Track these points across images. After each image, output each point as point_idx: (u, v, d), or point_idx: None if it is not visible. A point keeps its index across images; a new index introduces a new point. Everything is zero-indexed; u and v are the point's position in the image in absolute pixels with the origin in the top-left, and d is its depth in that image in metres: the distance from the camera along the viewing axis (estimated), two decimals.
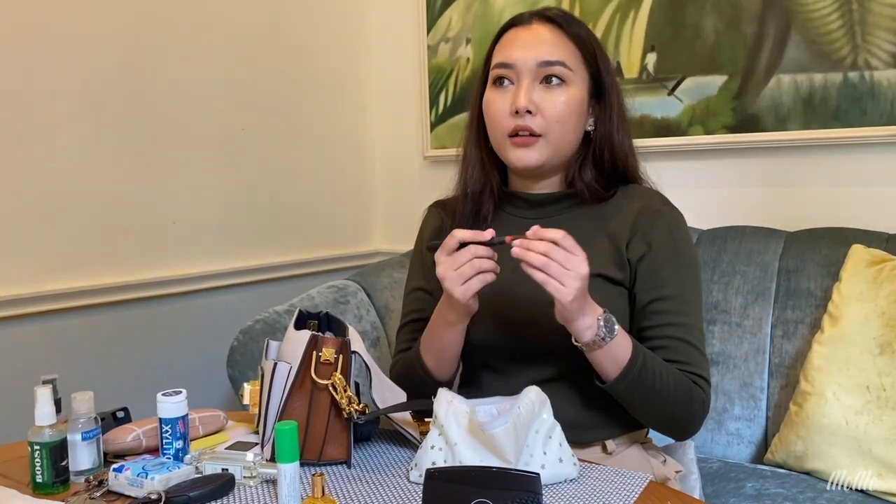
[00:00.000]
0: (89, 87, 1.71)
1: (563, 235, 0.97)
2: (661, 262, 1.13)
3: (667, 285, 1.12)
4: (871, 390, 1.32)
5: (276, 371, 1.01)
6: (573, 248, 0.97)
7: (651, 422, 1.14)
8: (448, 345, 1.14)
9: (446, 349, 1.15)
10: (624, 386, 1.04)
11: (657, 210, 1.16)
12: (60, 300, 1.66)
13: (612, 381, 1.05)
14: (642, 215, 1.16)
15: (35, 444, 0.94)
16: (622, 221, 1.16)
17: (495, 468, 0.85)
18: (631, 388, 1.05)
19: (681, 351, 1.10)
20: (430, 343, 1.16)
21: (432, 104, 2.27)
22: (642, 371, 1.04)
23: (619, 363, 1.03)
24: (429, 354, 1.16)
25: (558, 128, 1.13)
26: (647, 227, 1.15)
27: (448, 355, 1.15)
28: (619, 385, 1.04)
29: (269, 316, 1.66)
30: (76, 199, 1.69)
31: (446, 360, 1.16)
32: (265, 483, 0.95)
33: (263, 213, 2.10)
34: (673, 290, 1.12)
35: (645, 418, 1.13)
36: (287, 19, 2.14)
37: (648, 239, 1.14)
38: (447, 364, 1.16)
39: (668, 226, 1.15)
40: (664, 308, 1.12)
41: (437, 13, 2.24)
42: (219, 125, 1.98)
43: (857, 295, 1.40)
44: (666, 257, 1.14)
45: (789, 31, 1.69)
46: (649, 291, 1.13)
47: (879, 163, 1.64)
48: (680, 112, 1.84)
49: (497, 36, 1.20)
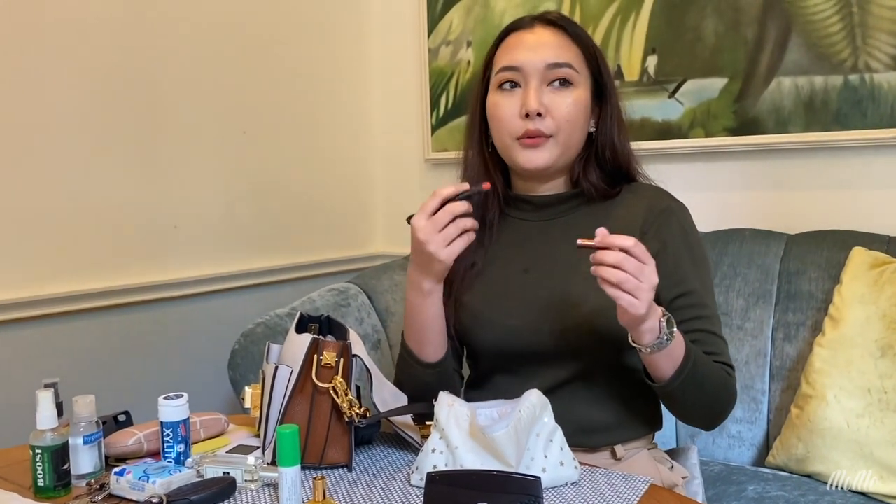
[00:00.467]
0: (92, 93, 1.71)
1: (634, 243, 0.94)
2: (678, 258, 1.14)
3: (687, 280, 1.13)
4: (873, 393, 1.32)
5: (277, 375, 1.01)
6: (644, 258, 0.95)
7: (692, 415, 1.13)
8: (428, 319, 1.13)
9: (427, 325, 1.13)
10: (679, 384, 1.03)
11: (666, 207, 1.17)
12: (61, 304, 1.66)
13: (668, 379, 1.03)
14: (651, 212, 1.17)
15: (37, 448, 0.94)
16: (631, 218, 1.17)
17: (496, 472, 0.85)
18: (684, 386, 1.03)
19: (710, 343, 1.11)
20: (411, 325, 1.15)
21: (433, 107, 2.27)
22: (695, 367, 1.03)
23: (675, 362, 1.02)
24: (413, 339, 1.16)
25: (567, 128, 1.13)
26: (659, 224, 1.16)
27: (432, 332, 1.14)
28: (673, 383, 1.03)
29: (271, 319, 1.66)
30: (77, 203, 1.69)
31: (431, 337, 1.14)
32: (266, 486, 0.95)
33: (264, 217, 2.10)
34: (693, 285, 1.13)
35: (686, 413, 1.12)
36: (288, 23, 2.14)
37: (662, 237, 1.15)
38: (434, 342, 1.15)
39: (679, 222, 1.17)
40: (689, 303, 1.12)
41: (437, 16, 2.24)
42: (220, 129, 1.98)
43: (859, 297, 1.40)
44: (681, 253, 1.14)
45: (790, 34, 1.69)
46: (672, 288, 1.12)
47: (880, 165, 1.64)
48: (681, 115, 1.84)
49: (498, 40, 1.20)
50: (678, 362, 1.02)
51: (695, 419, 1.15)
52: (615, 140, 1.18)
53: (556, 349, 1.13)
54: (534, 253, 1.18)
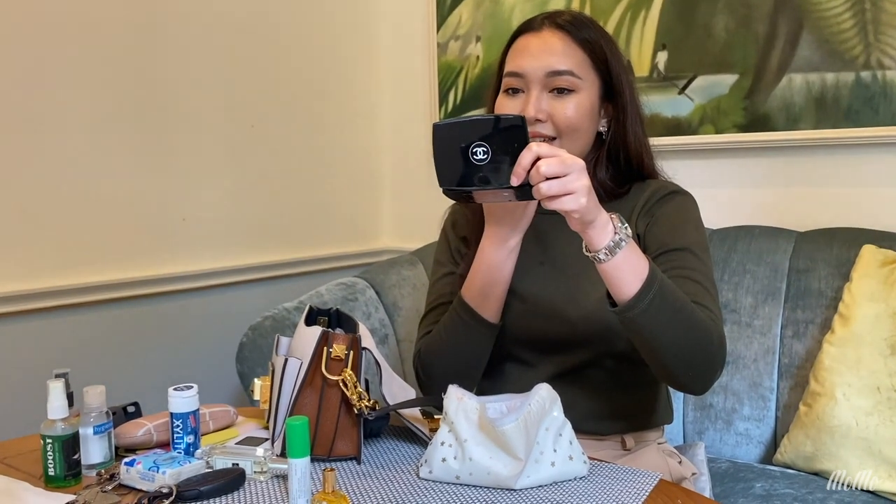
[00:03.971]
0: (101, 87, 1.71)
1: (536, 148, 0.90)
2: (666, 226, 1.14)
3: (674, 242, 1.11)
4: (882, 391, 1.32)
5: (286, 367, 1.01)
6: (553, 151, 0.90)
7: (669, 358, 1.01)
8: (505, 275, 1.12)
9: (502, 282, 1.12)
10: (647, 304, 0.95)
11: (668, 192, 1.18)
12: (71, 296, 1.67)
13: (635, 294, 0.95)
14: (652, 198, 1.18)
15: (47, 438, 0.94)
16: (634, 209, 1.18)
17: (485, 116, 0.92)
18: (653, 309, 0.96)
19: (689, 288, 1.05)
20: (482, 284, 1.12)
21: (442, 102, 2.27)
22: (663, 289, 0.96)
23: (639, 275, 0.95)
24: (478, 298, 1.13)
25: (569, 132, 1.14)
26: (653, 204, 1.17)
27: (503, 291, 1.13)
28: (641, 301, 0.95)
29: (279, 312, 1.66)
30: (87, 195, 1.70)
31: (501, 295, 1.13)
32: (275, 478, 0.95)
33: (273, 210, 2.10)
34: (680, 244, 1.11)
35: (662, 354, 1.00)
36: (297, 18, 2.14)
37: (653, 212, 1.16)
38: (500, 303, 1.14)
39: (676, 204, 1.17)
40: (671, 258, 1.10)
41: (447, 11, 2.24)
42: (228, 123, 1.98)
43: (869, 295, 1.39)
44: (671, 222, 1.14)
45: (801, 31, 1.68)
46: (656, 249, 1.12)
47: (891, 163, 1.63)
48: (691, 111, 1.83)
49: (510, 41, 1.20)
50: (643, 276, 0.95)
51: (675, 367, 1.02)
52: (628, 140, 1.19)
53: (567, 337, 1.14)
54: (549, 246, 1.20)
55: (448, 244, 1.30)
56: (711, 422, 1.57)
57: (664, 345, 1.00)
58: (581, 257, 0.99)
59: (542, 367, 1.17)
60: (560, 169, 0.89)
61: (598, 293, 1.09)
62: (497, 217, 1.09)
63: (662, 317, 0.97)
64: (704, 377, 1.05)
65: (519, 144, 0.90)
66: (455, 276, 1.26)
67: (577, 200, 0.90)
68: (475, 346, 1.15)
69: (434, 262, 1.33)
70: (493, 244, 1.11)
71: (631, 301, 0.96)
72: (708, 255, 1.14)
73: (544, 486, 0.91)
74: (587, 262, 0.98)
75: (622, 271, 0.96)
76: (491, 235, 1.11)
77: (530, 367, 1.19)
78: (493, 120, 0.92)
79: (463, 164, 0.92)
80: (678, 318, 0.99)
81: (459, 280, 1.19)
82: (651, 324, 0.97)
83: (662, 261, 1.10)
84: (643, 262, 0.97)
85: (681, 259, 1.10)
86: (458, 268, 1.26)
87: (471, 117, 0.92)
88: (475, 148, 0.91)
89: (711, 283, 1.10)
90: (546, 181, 0.89)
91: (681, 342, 1.00)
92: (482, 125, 0.92)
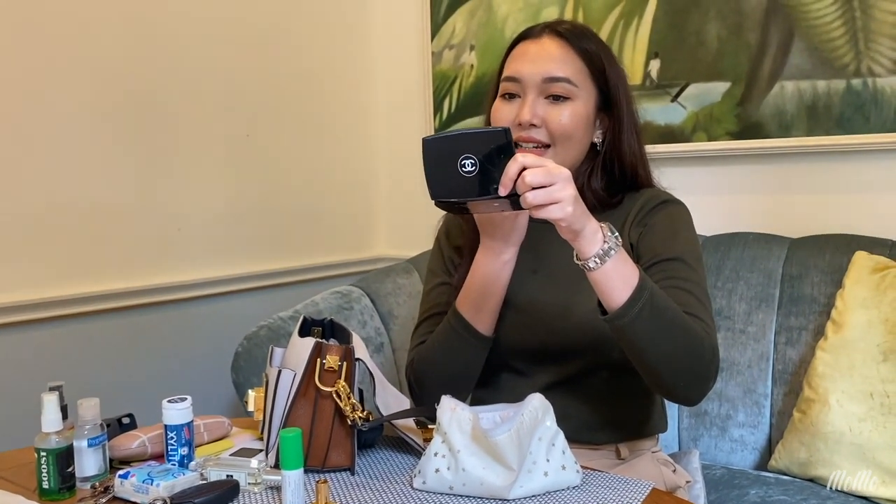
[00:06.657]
0: (96, 96, 1.72)
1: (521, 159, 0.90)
2: (659, 235, 1.14)
3: (666, 251, 1.12)
4: (875, 397, 1.32)
5: (280, 378, 1.01)
6: (539, 162, 0.91)
7: (661, 366, 1.01)
8: (500, 288, 1.12)
9: (497, 294, 1.12)
10: (637, 310, 0.95)
11: (661, 201, 1.19)
12: (65, 306, 1.67)
13: (625, 302, 0.95)
14: (645, 207, 1.18)
15: (41, 451, 0.94)
16: (626, 218, 1.19)
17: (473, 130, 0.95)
18: (644, 315, 0.96)
19: (682, 299, 1.05)
20: (477, 295, 1.12)
21: (436, 110, 2.28)
22: (654, 297, 0.96)
23: (628, 283, 0.96)
24: (472, 309, 1.13)
25: (563, 140, 1.14)
26: (646, 213, 1.18)
27: (497, 303, 1.13)
28: (632, 309, 0.95)
29: (274, 322, 1.66)
30: (81, 205, 1.70)
31: (495, 308, 1.14)
32: (269, 490, 0.95)
33: (267, 220, 2.11)
34: (672, 254, 1.11)
35: (658, 363, 1.00)
36: (292, 27, 2.15)
37: (646, 221, 1.16)
38: (494, 316, 1.14)
39: (668, 212, 1.18)
40: (663, 268, 1.10)
41: (441, 20, 2.24)
42: (223, 133, 1.99)
43: (861, 302, 1.40)
44: (664, 232, 1.15)
45: (792, 39, 1.69)
46: (648, 259, 1.12)
47: (882, 170, 1.64)
48: (683, 119, 1.84)
49: (510, 47, 1.21)
50: (632, 285, 0.95)
51: (667, 377, 1.02)
52: (623, 151, 1.19)
53: (561, 347, 1.15)
54: (542, 255, 1.20)
55: (441, 253, 1.31)
56: (706, 428, 1.57)
57: (655, 354, 1.00)
58: (574, 266, 0.99)
59: (536, 377, 1.17)
60: (545, 179, 0.90)
61: (592, 303, 1.09)
62: (489, 231, 1.10)
63: (653, 326, 0.97)
64: (696, 388, 1.04)
65: (505, 155, 0.92)
66: (449, 286, 1.26)
67: (563, 209, 0.90)
68: (469, 358, 1.16)
69: (427, 272, 1.33)
70: (486, 257, 1.11)
71: (621, 310, 0.96)
72: (701, 264, 1.14)
73: (537, 495, 0.91)
74: (580, 272, 0.99)
75: (612, 279, 0.96)
76: (485, 248, 1.12)
77: (525, 376, 1.19)
78: (479, 133, 0.94)
79: (452, 176, 0.94)
80: (669, 327, 0.99)
81: (454, 291, 1.20)
82: (641, 333, 0.98)
83: (655, 271, 1.10)
84: (633, 270, 0.97)
85: (673, 269, 1.10)
86: (451, 278, 1.26)
87: (458, 131, 0.95)
88: (464, 160, 0.93)
89: (704, 293, 1.10)
90: (532, 191, 0.90)
91: (672, 352, 1.00)
92: (469, 138, 0.94)
